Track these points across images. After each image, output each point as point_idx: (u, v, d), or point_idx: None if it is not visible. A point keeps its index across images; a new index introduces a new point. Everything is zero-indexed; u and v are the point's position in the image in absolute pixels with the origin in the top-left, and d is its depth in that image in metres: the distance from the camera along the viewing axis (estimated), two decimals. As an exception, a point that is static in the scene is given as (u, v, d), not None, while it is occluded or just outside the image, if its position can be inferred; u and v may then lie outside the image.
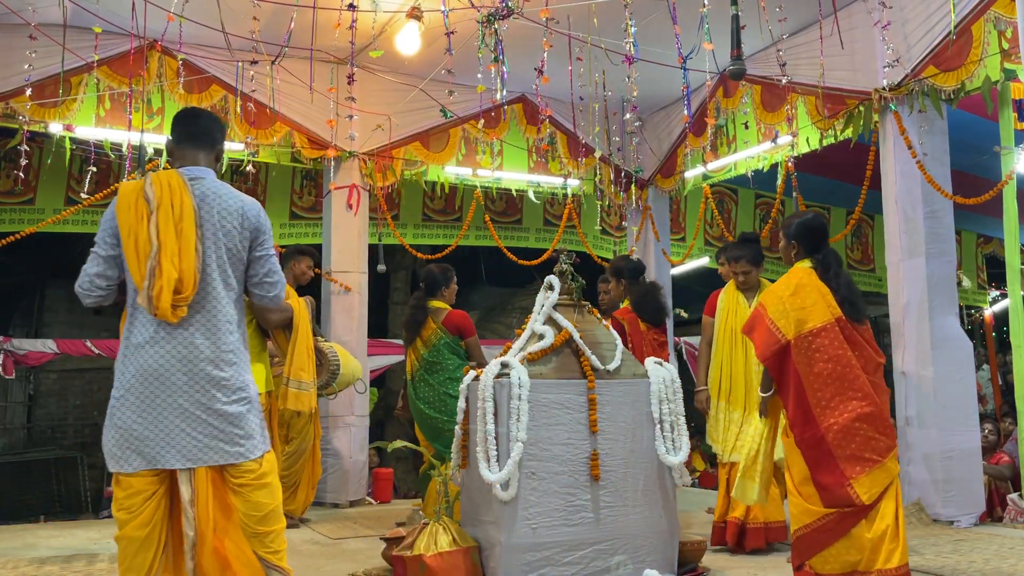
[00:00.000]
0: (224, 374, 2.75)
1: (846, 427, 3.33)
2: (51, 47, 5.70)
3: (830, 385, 3.36)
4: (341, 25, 5.47)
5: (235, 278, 2.84)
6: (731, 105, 7.10)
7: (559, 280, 4.10)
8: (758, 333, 3.55)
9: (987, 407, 9.91)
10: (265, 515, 2.77)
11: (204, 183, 2.83)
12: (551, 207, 9.28)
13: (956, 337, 5.50)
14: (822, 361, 3.38)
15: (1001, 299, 11.52)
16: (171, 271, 2.65)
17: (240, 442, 2.75)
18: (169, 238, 2.69)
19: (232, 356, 2.79)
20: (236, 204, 2.83)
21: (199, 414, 2.70)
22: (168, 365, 2.70)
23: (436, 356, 5.18)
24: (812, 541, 3.36)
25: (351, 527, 5.58)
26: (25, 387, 13.41)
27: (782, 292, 3.52)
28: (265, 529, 2.77)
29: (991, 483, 6.53)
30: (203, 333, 2.74)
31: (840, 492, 3.30)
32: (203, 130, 2.95)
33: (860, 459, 3.32)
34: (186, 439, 2.69)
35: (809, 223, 3.64)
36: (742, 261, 4.78)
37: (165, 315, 2.65)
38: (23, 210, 7.59)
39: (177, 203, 2.73)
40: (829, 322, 3.41)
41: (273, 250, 2.93)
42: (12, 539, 5.20)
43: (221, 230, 2.78)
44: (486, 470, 3.61)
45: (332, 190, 6.99)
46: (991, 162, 6.04)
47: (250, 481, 2.74)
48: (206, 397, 2.71)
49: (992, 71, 5.06)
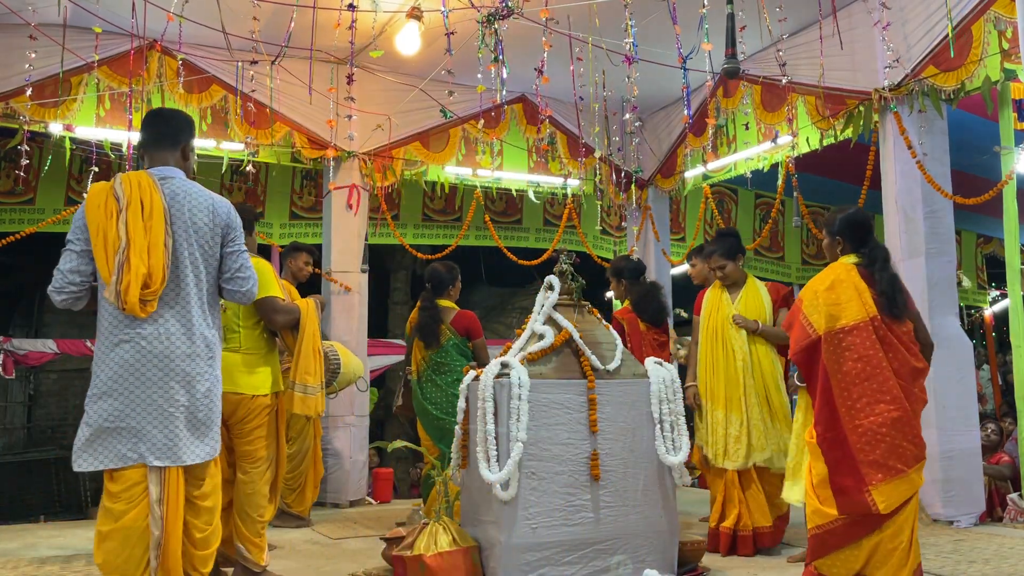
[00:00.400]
0: (198, 369, 2.78)
1: (872, 431, 3.20)
2: (51, 47, 5.70)
3: (857, 385, 3.25)
4: (341, 25, 5.47)
5: (208, 274, 2.87)
6: (731, 105, 7.10)
7: (559, 280, 4.10)
8: (794, 330, 3.47)
9: (987, 407, 9.92)
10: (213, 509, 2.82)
11: (174, 182, 2.89)
12: (551, 207, 9.28)
13: (956, 337, 5.50)
14: (851, 360, 3.26)
15: (1001, 299, 11.52)
16: (139, 266, 2.70)
17: (210, 441, 2.78)
18: (138, 234, 2.73)
19: (207, 351, 2.82)
20: (206, 201, 2.89)
21: (172, 411, 2.72)
22: (143, 361, 2.74)
23: (444, 357, 5.13)
24: (822, 543, 3.28)
25: (351, 527, 5.58)
26: (25, 387, 13.42)
27: (818, 286, 3.41)
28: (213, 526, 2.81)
29: (991, 483, 6.54)
30: (177, 329, 2.77)
31: (857, 498, 3.19)
32: (170, 132, 3.01)
33: (883, 466, 3.18)
34: (160, 436, 2.71)
35: (852, 217, 3.52)
36: (714, 255, 4.72)
37: (133, 310, 2.69)
38: (23, 210, 7.60)
39: (147, 200, 2.79)
40: (863, 320, 3.29)
41: (244, 247, 2.95)
42: (12, 539, 5.20)
43: (192, 227, 2.82)
44: (486, 470, 3.61)
45: (332, 190, 6.99)
46: (991, 162, 6.04)
47: (210, 475, 2.77)
48: (180, 393, 2.74)
49: (992, 71, 5.06)
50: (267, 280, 3.94)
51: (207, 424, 2.80)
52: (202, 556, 2.72)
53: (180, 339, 2.76)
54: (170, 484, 2.71)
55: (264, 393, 3.92)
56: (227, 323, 3.90)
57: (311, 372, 4.26)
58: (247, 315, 3.96)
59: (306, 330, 4.22)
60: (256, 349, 3.97)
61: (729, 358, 4.57)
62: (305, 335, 4.23)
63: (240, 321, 3.94)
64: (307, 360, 4.24)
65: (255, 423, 3.89)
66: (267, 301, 3.92)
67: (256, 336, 3.99)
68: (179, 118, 3.12)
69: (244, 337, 3.94)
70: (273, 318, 3.98)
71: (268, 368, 3.99)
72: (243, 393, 3.85)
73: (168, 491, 2.71)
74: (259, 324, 3.99)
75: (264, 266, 4.00)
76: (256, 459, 3.89)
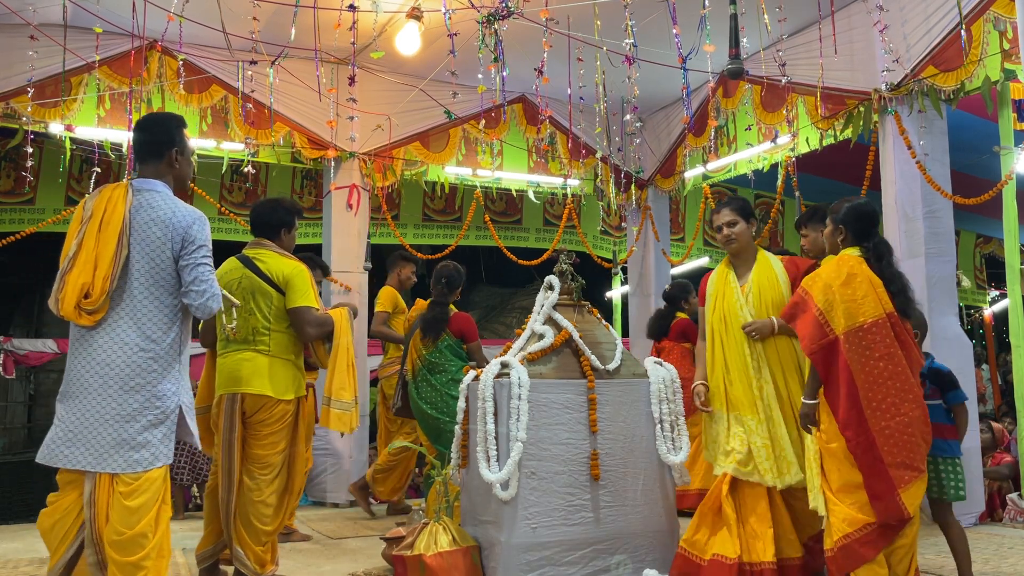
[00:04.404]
0: (136, 381, 2.78)
1: (899, 432, 3.09)
2: (51, 47, 5.70)
3: (882, 385, 3.11)
4: (341, 25, 5.47)
5: (163, 287, 2.85)
6: (731, 105, 7.10)
7: (559, 280, 4.10)
8: (803, 323, 3.26)
9: (987, 407, 9.93)
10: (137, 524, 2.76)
11: (145, 195, 2.89)
12: (551, 207, 9.29)
13: (956, 337, 5.50)
14: (874, 359, 3.13)
15: (1000, 299, 11.53)
16: (79, 276, 2.75)
17: (136, 452, 2.76)
18: (88, 246, 2.78)
19: (151, 363, 2.81)
20: (165, 214, 2.86)
21: (107, 420, 2.75)
22: (86, 369, 2.78)
23: (438, 357, 5.15)
24: (852, 554, 3.09)
25: (351, 527, 5.58)
26: (25, 387, 13.43)
27: (831, 280, 3.23)
28: (134, 532, 2.74)
29: (992, 484, 6.54)
30: (121, 340, 2.79)
31: (891, 503, 3.06)
32: (152, 141, 2.99)
33: (909, 467, 3.08)
34: (93, 442, 2.75)
35: (860, 207, 3.37)
36: (724, 210, 3.90)
37: (70, 317, 2.76)
38: (23, 210, 7.61)
39: (109, 213, 2.82)
40: (881, 317, 3.16)
41: (204, 260, 2.88)
42: (12, 539, 5.20)
43: (145, 239, 2.83)
44: (486, 470, 3.61)
45: (332, 190, 6.99)
46: (991, 162, 6.04)
47: (132, 490, 2.74)
48: (116, 404, 2.76)
49: (992, 71, 5.06)
50: (303, 288, 3.87)
51: (138, 433, 2.77)
52: (121, 562, 2.70)
53: (124, 349, 2.78)
54: (100, 489, 2.75)
55: (288, 399, 3.85)
56: (256, 325, 3.83)
57: (346, 387, 4.14)
58: (278, 318, 3.85)
59: (340, 344, 4.09)
60: (285, 353, 3.88)
61: (741, 352, 3.76)
62: (340, 349, 4.09)
63: (271, 324, 3.84)
64: (342, 375, 4.13)
65: (274, 427, 3.81)
66: (299, 312, 3.84)
67: (286, 340, 3.89)
68: (162, 127, 3.04)
69: (273, 340, 3.85)
70: (304, 329, 3.88)
71: (293, 372, 3.91)
72: (267, 395, 3.78)
73: (99, 495, 2.75)
74: (290, 328, 3.90)
75: (301, 272, 3.91)
76: (266, 464, 3.80)
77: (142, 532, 2.71)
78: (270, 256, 3.92)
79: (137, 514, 2.72)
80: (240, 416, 3.79)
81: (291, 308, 3.85)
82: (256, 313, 3.83)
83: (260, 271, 3.87)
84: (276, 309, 3.84)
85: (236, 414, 3.78)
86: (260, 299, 3.84)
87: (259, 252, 3.94)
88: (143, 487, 2.75)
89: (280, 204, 4.15)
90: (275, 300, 3.84)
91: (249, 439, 3.82)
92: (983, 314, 11.69)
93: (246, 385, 3.78)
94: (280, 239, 4.04)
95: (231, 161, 6.68)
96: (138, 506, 2.73)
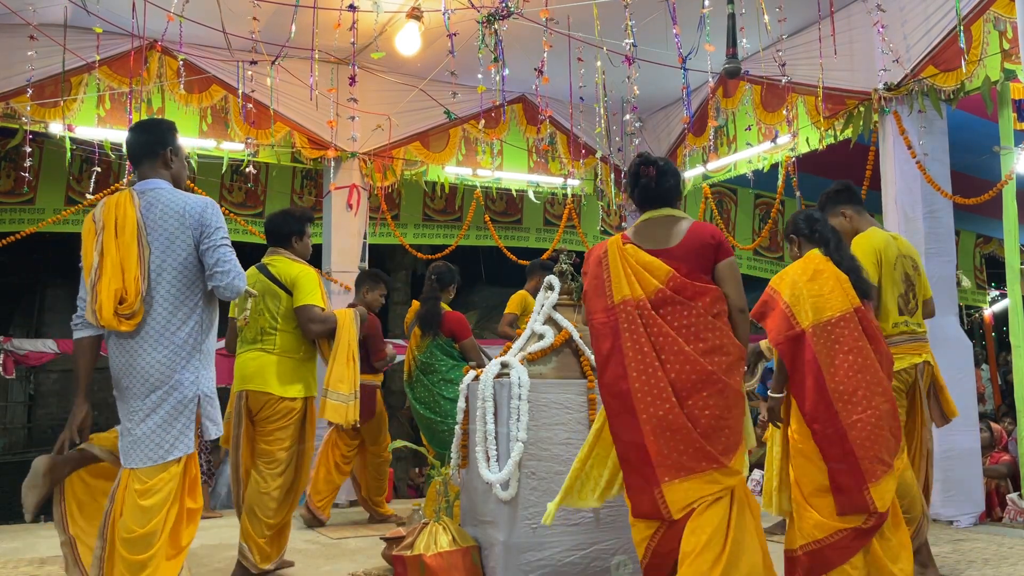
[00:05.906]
0: (157, 376, 2.81)
1: (871, 425, 3.08)
2: (51, 47, 5.71)
3: (852, 378, 3.13)
4: (341, 25, 5.47)
5: (186, 278, 2.88)
6: (731, 105, 7.10)
7: (559, 280, 4.11)
8: (771, 319, 3.32)
9: (987, 407, 9.92)
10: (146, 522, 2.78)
11: (149, 194, 2.92)
12: (551, 207, 9.28)
13: (955, 337, 5.51)
14: (843, 352, 3.16)
15: (1000, 299, 11.53)
16: (111, 284, 2.77)
17: (151, 444, 2.79)
18: (111, 253, 2.80)
19: (170, 357, 2.83)
20: (177, 206, 2.89)
21: (133, 417, 2.80)
22: (122, 371, 2.84)
23: (429, 357, 5.20)
24: (821, 558, 3.08)
25: (351, 527, 5.59)
26: (25, 387, 13.44)
27: (798, 277, 3.32)
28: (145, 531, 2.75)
29: (990, 483, 6.54)
30: (150, 337, 2.82)
31: (857, 498, 3.04)
32: (146, 143, 3.03)
33: (881, 461, 3.07)
34: (128, 438, 2.80)
35: (796, 215, 3.58)
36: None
37: (110, 325, 2.78)
38: (23, 210, 7.59)
39: (121, 218, 2.84)
40: (848, 311, 3.22)
41: (223, 241, 2.93)
42: (12, 539, 5.20)
43: (163, 234, 2.85)
44: (486, 470, 3.62)
45: (332, 190, 6.99)
46: (991, 162, 6.04)
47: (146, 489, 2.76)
48: (140, 401, 2.80)
49: (992, 71, 5.07)
50: (310, 287, 4.07)
51: (161, 426, 2.80)
52: (129, 560, 2.71)
53: (150, 348, 2.81)
54: (122, 484, 2.80)
55: (292, 396, 4.00)
56: (264, 325, 4.04)
57: (344, 380, 4.28)
58: (286, 319, 4.05)
59: (342, 339, 4.26)
60: (292, 352, 4.06)
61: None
62: (340, 343, 4.26)
63: (278, 324, 4.04)
64: (341, 368, 4.28)
65: (278, 424, 3.98)
66: (305, 309, 4.04)
67: (293, 340, 4.08)
68: (155, 128, 3.11)
69: (280, 339, 4.05)
70: (308, 327, 4.08)
71: (302, 372, 4.08)
72: (271, 393, 3.96)
73: (120, 489, 2.79)
74: (297, 329, 4.08)
75: (309, 273, 4.12)
76: (272, 460, 3.97)
77: (152, 531, 2.73)
78: (281, 261, 4.18)
79: (149, 513, 2.74)
80: (247, 413, 4.01)
81: (296, 306, 4.05)
82: (265, 313, 4.05)
83: (271, 275, 4.11)
84: (284, 310, 4.06)
85: (243, 411, 4.00)
86: (269, 300, 4.07)
87: (273, 259, 4.21)
88: (157, 487, 2.77)
89: (290, 214, 4.35)
90: (284, 301, 4.06)
91: (256, 435, 4.02)
92: (983, 314, 11.68)
93: (251, 382, 4.00)
94: (292, 247, 4.26)
95: (231, 161, 6.68)
96: (151, 506, 2.75)
